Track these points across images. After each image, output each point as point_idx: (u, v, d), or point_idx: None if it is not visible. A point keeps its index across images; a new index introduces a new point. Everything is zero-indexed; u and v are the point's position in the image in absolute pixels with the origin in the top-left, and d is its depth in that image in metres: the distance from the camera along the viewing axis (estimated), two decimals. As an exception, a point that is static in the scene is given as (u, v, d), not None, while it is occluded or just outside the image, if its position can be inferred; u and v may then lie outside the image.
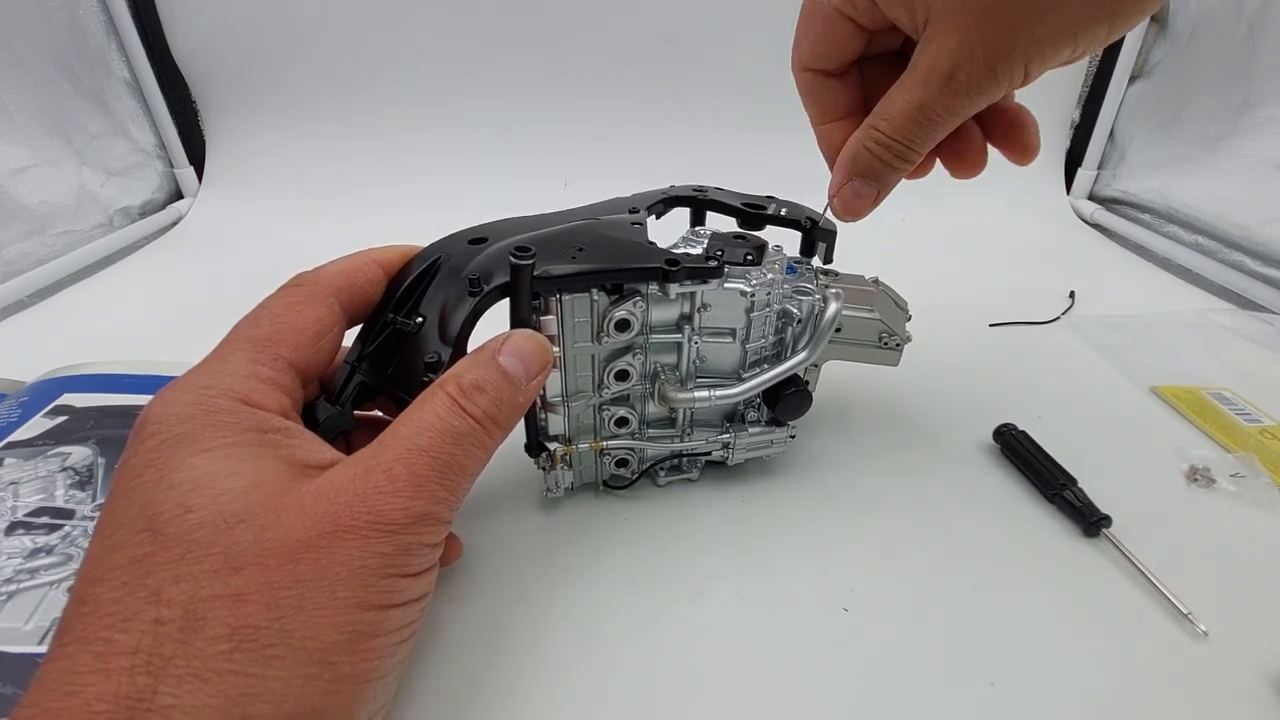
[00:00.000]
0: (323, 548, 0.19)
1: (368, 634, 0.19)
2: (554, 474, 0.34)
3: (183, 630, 0.17)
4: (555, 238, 0.29)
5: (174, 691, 0.16)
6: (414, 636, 0.22)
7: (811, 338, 0.33)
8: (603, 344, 0.30)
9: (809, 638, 0.29)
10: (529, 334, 0.26)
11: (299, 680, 0.17)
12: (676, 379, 0.33)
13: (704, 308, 0.31)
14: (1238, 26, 0.68)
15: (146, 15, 0.76)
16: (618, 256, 0.29)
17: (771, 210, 0.36)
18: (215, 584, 0.18)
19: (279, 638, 0.17)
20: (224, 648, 0.17)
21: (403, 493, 0.20)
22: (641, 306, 0.30)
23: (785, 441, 0.37)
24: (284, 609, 0.18)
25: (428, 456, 0.21)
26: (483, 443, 0.23)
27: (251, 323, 0.25)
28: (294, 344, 0.24)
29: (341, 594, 0.18)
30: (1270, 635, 0.29)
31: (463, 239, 0.30)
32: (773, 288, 0.31)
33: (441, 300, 0.28)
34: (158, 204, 0.82)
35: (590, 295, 0.29)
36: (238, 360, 0.23)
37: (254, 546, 0.18)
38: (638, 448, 0.35)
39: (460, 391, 0.23)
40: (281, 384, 0.24)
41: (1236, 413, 0.44)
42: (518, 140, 0.85)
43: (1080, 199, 0.87)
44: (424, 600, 0.22)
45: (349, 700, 0.19)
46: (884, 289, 0.38)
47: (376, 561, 0.19)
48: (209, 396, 0.22)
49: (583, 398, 0.32)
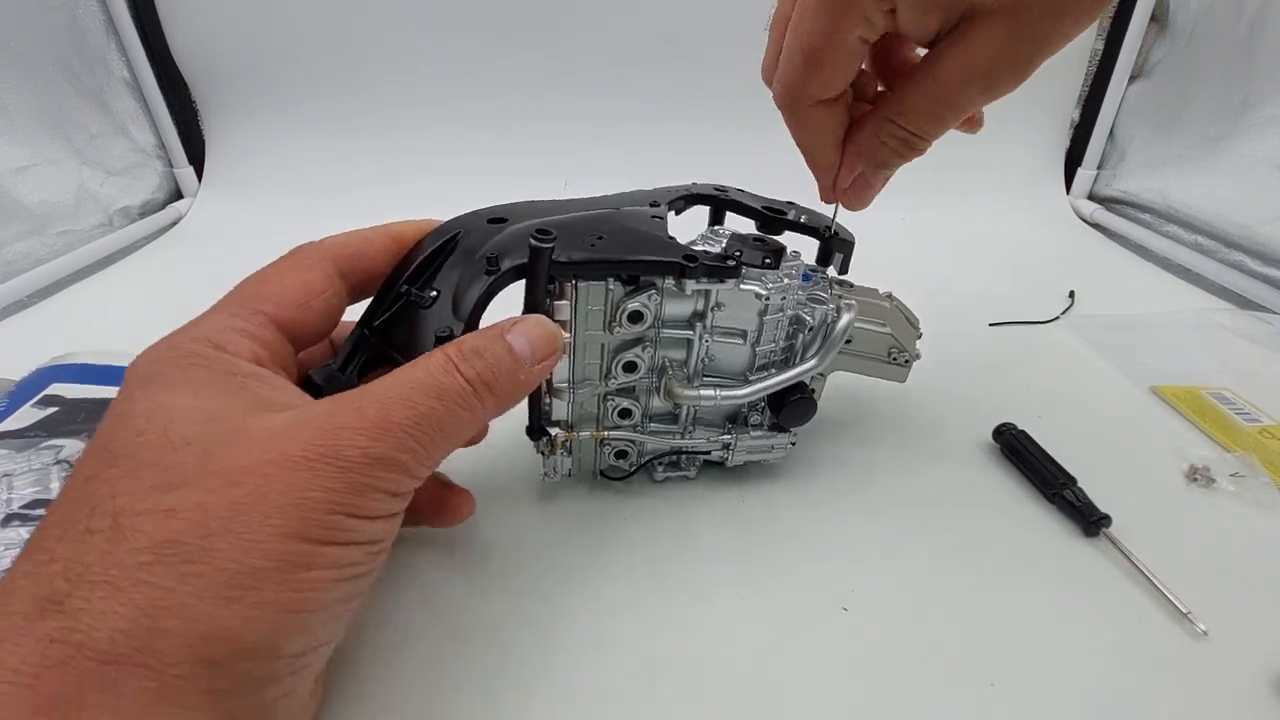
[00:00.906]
0: (266, 475, 0.18)
1: (299, 565, 0.18)
2: (553, 459, 0.34)
3: (108, 540, 0.17)
4: (575, 224, 0.29)
5: (86, 596, 0.16)
6: (363, 579, 0.21)
7: (821, 346, 0.33)
8: (614, 334, 0.30)
9: (809, 637, 0.29)
10: (541, 319, 0.26)
11: (216, 600, 0.17)
12: (684, 375, 0.33)
13: (718, 307, 0.31)
14: (1238, 26, 0.68)
15: (146, 15, 0.76)
16: (637, 248, 0.29)
17: (791, 216, 0.36)
18: (149, 499, 0.18)
19: (201, 555, 0.17)
20: (144, 559, 0.17)
21: (366, 431, 0.20)
22: (656, 300, 0.30)
23: (785, 448, 0.36)
24: (213, 529, 0.18)
25: (405, 404, 0.21)
26: (469, 405, 0.22)
27: (242, 284, 0.26)
28: (277, 301, 0.25)
29: (276, 521, 0.18)
30: (1270, 635, 0.29)
31: (482, 218, 0.30)
32: (788, 293, 0.32)
33: (457, 276, 0.27)
34: (157, 204, 0.82)
35: (606, 284, 0.29)
36: (219, 315, 0.24)
37: (195, 468, 0.18)
38: (638, 440, 0.35)
39: (459, 353, 0.23)
40: (259, 336, 0.24)
41: (1236, 412, 0.44)
42: (518, 140, 0.84)
43: (1080, 199, 0.87)
44: (377, 545, 0.21)
45: (271, 629, 0.18)
46: (897, 305, 0.38)
47: (321, 495, 0.19)
48: (183, 343, 0.22)
49: (589, 385, 0.32)
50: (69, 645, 0.16)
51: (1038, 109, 0.86)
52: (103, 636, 0.16)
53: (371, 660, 0.27)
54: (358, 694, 0.26)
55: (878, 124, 0.27)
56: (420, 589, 0.31)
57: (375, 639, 0.28)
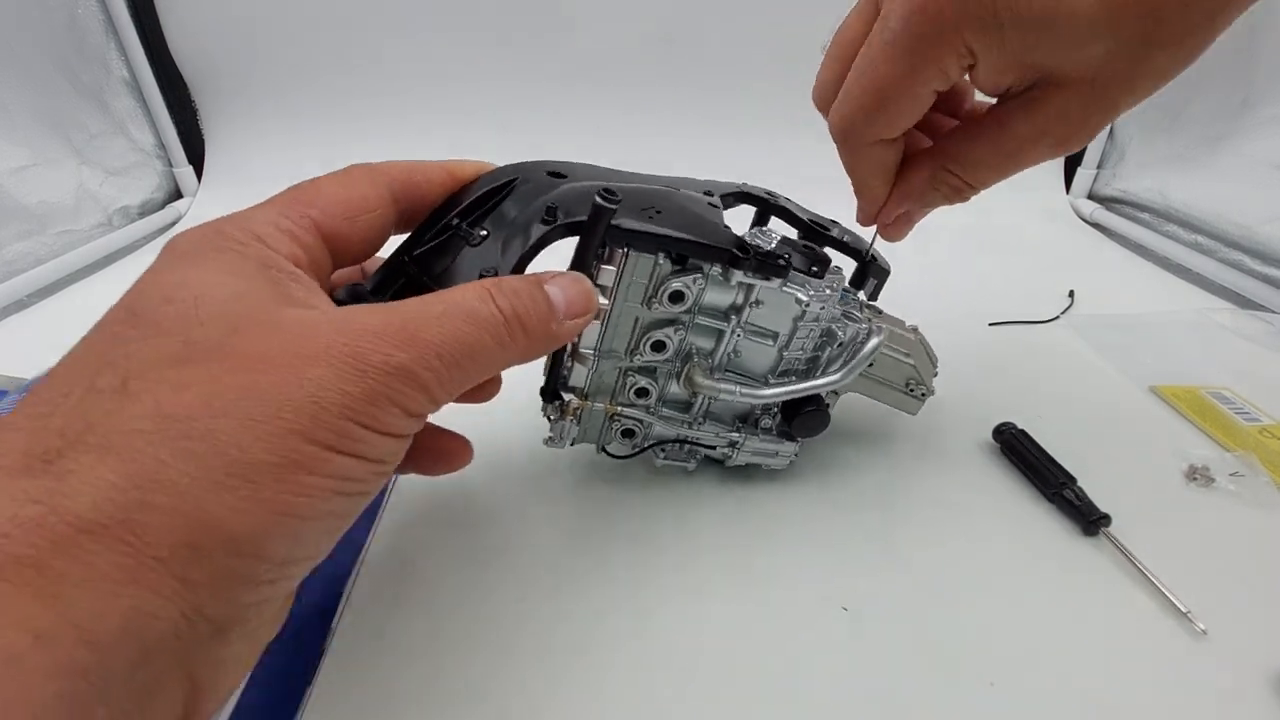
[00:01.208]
0: (284, 365, 0.18)
1: (302, 467, 0.18)
2: (560, 424, 0.34)
3: (112, 400, 0.17)
4: (636, 194, 0.29)
5: (76, 458, 0.16)
6: (361, 497, 0.20)
7: (846, 363, 0.33)
8: (651, 310, 0.30)
9: (809, 636, 0.29)
10: (580, 277, 0.25)
11: (209, 485, 0.16)
12: (707, 366, 0.33)
13: (757, 304, 0.31)
14: (1238, 25, 0.68)
15: (145, 14, 0.76)
16: (693, 229, 0.29)
17: (835, 234, 0.36)
18: (163, 368, 0.17)
19: (204, 434, 0.16)
20: (144, 426, 0.16)
21: (392, 339, 0.19)
22: (700, 284, 0.30)
23: (789, 456, 0.37)
24: (220, 410, 0.17)
25: (436, 322, 0.20)
26: (499, 337, 0.22)
27: (293, 187, 0.25)
28: (324, 208, 0.24)
29: (287, 415, 0.17)
30: (1269, 634, 0.29)
31: (542, 169, 0.29)
32: (826, 304, 0.32)
33: (511, 219, 0.27)
34: (157, 203, 0.82)
35: (656, 259, 0.29)
36: (264, 210, 0.23)
37: (216, 345, 0.18)
38: (647, 422, 0.35)
39: (496, 286, 0.22)
40: (300, 239, 0.23)
41: (1236, 412, 0.44)
42: (517, 140, 0.84)
43: (1080, 198, 0.87)
44: (380, 465, 0.20)
45: (261, 525, 0.17)
46: (921, 339, 0.38)
47: (336, 397, 0.18)
48: (224, 227, 0.22)
49: (613, 357, 0.32)
50: (47, 507, 0.15)
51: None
52: (86, 502, 0.15)
53: (373, 658, 0.28)
54: (360, 692, 0.26)
55: (934, 171, 0.28)
56: (419, 590, 0.31)
57: (376, 639, 0.28)
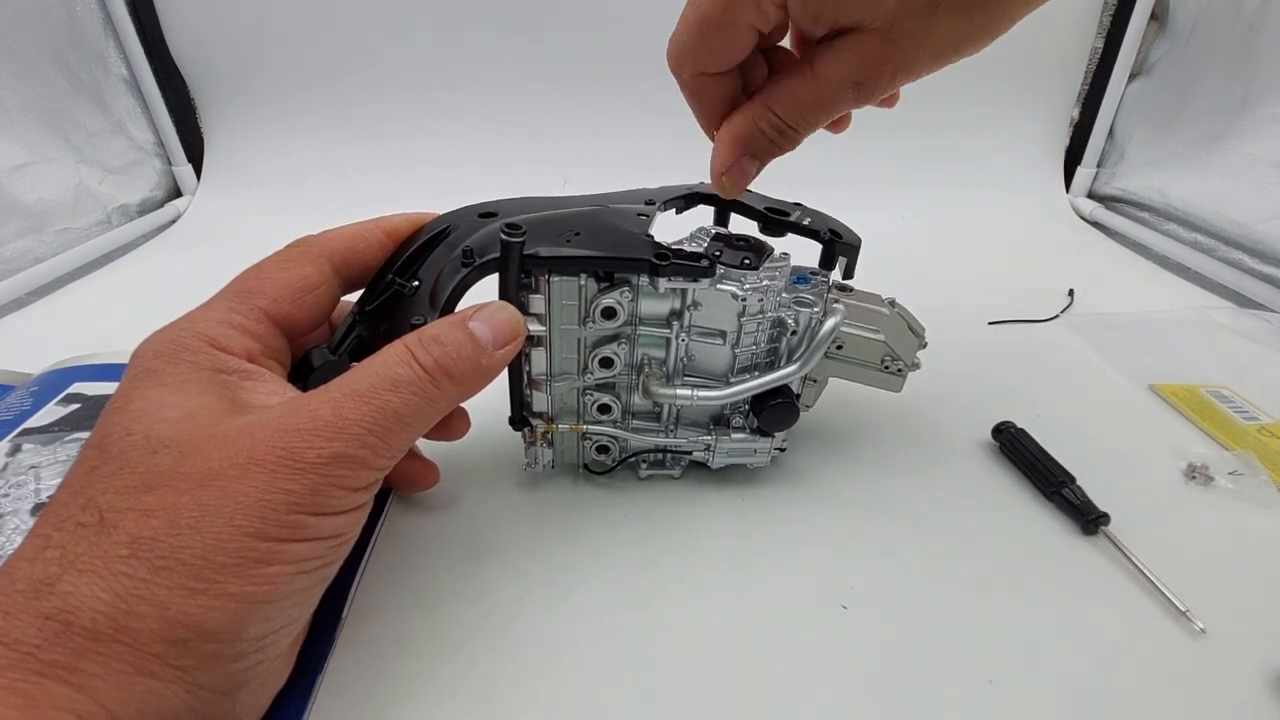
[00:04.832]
0: (231, 477, 0.20)
1: (261, 561, 0.20)
2: (534, 449, 0.35)
3: (96, 534, 0.19)
4: (555, 220, 0.30)
5: (74, 581, 0.19)
6: (326, 568, 0.23)
7: (805, 350, 0.33)
8: (588, 329, 0.31)
9: (808, 635, 0.29)
10: (504, 305, 0.27)
11: (183, 592, 0.19)
12: (663, 374, 0.33)
13: (695, 306, 0.31)
14: (1237, 24, 0.68)
15: (144, 12, 0.76)
16: (611, 245, 0.29)
17: (794, 217, 0.35)
18: (131, 499, 0.20)
19: (171, 552, 0.19)
20: (124, 552, 0.19)
21: (322, 432, 0.21)
22: (629, 297, 0.30)
23: (769, 453, 0.36)
24: (182, 528, 0.19)
25: (361, 400, 0.22)
26: (427, 393, 0.23)
27: (239, 277, 0.27)
28: (273, 296, 0.26)
29: (239, 522, 0.20)
30: (1268, 633, 0.29)
31: (474, 212, 0.31)
32: (767, 295, 0.31)
33: (438, 268, 0.29)
34: (156, 201, 0.81)
35: (579, 280, 0.29)
36: (216, 307, 0.26)
37: (170, 470, 0.20)
38: (620, 437, 0.35)
39: (417, 342, 0.24)
40: (253, 331, 0.25)
41: (1235, 411, 0.44)
42: (517, 139, 0.84)
43: (1079, 197, 0.87)
44: (338, 539, 0.23)
45: (233, 617, 0.20)
46: (899, 311, 0.37)
47: (280, 496, 0.20)
48: (181, 337, 0.24)
49: (567, 379, 0.32)
50: (61, 623, 0.18)
51: (1037, 107, 0.86)
52: (87, 617, 0.18)
53: (371, 660, 0.28)
54: (359, 693, 0.26)
55: (755, 108, 0.28)
56: (418, 590, 0.31)
57: (379, 642, 0.28)
